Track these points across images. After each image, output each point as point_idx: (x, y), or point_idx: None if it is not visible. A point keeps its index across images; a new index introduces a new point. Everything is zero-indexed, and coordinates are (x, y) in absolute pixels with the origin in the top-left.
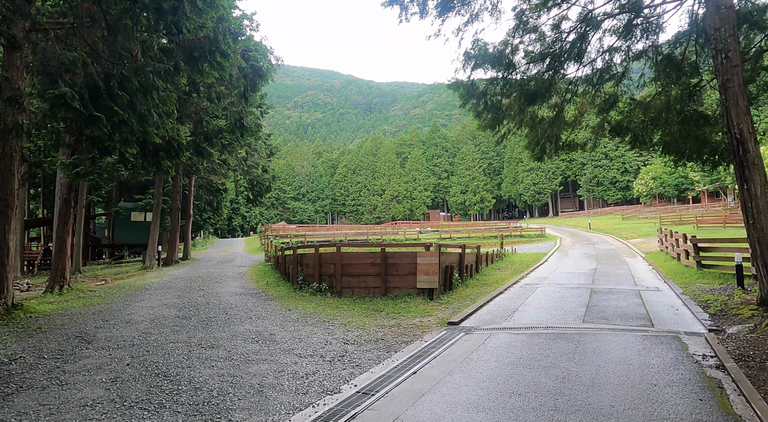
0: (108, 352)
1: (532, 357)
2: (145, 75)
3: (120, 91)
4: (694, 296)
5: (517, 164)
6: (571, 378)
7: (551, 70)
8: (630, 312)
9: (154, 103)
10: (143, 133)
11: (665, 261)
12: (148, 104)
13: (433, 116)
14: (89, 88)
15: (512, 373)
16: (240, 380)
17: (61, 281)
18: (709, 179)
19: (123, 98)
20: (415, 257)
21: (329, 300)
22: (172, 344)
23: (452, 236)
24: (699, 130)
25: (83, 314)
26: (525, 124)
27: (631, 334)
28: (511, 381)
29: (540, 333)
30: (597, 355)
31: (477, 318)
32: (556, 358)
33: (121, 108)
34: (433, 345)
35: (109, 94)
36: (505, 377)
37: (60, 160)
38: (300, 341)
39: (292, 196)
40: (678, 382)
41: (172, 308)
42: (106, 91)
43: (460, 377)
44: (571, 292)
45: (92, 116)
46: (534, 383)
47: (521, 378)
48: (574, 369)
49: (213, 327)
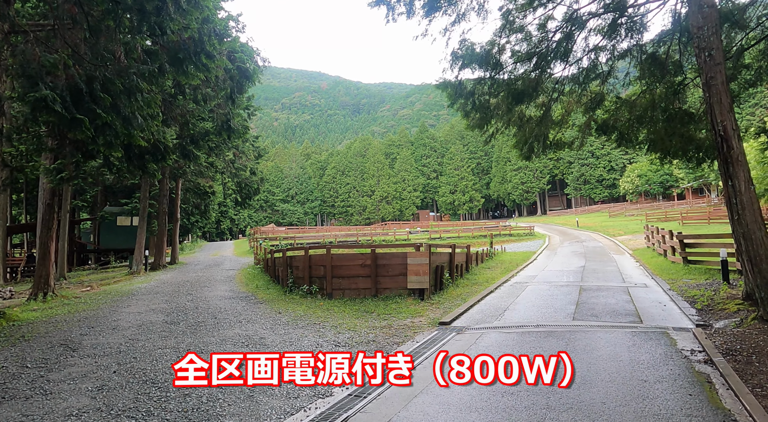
0: (94, 360)
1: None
2: (129, 77)
3: (103, 93)
4: (681, 291)
5: (506, 164)
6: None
7: (538, 69)
8: (619, 309)
9: (138, 105)
10: (127, 136)
11: (652, 258)
12: (132, 107)
13: (421, 116)
14: (71, 90)
15: None
16: (229, 386)
17: (45, 288)
18: (693, 176)
19: (106, 100)
20: (406, 257)
21: (320, 303)
22: (160, 350)
23: (442, 236)
24: (684, 127)
25: (68, 322)
26: (513, 123)
27: (621, 331)
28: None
29: (531, 332)
30: (588, 352)
31: (468, 317)
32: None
33: (104, 111)
34: (424, 346)
35: (92, 97)
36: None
37: (43, 165)
38: (291, 344)
39: (281, 198)
40: (668, 377)
41: (159, 314)
42: (88, 93)
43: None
44: (560, 290)
45: (74, 118)
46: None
47: None
48: None
49: (202, 332)
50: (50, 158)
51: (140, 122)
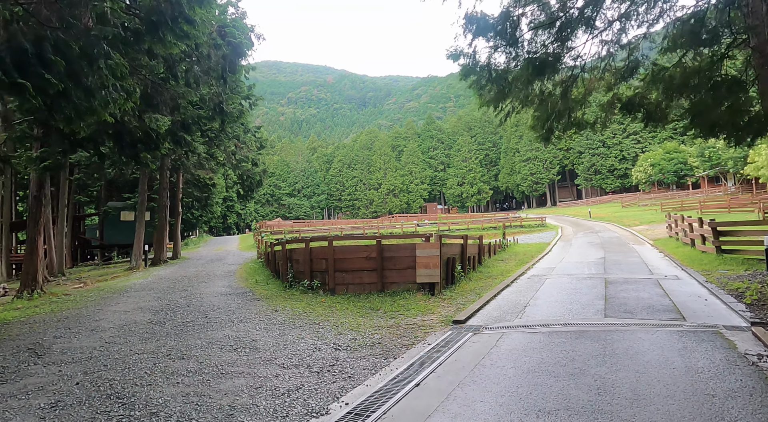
0: (59, 368)
1: (556, 362)
2: (90, 40)
3: (56, 57)
4: (721, 284)
5: (514, 155)
6: (608, 389)
7: (561, 34)
8: (655, 304)
9: (102, 74)
10: (90, 110)
11: (677, 248)
12: (95, 75)
13: (428, 108)
14: (12, 50)
15: (535, 383)
16: (208, 400)
17: (33, 285)
18: (709, 164)
19: (58, 65)
20: (414, 249)
21: (321, 299)
22: (136, 355)
23: (450, 228)
24: (733, 96)
25: (46, 322)
26: (530, 101)
27: (664, 330)
28: (535, 394)
29: (559, 331)
30: (631, 358)
31: (485, 314)
32: (583, 362)
33: (58, 78)
34: (437, 349)
35: (40, 60)
36: (528, 388)
37: (27, 154)
38: (285, 348)
39: (288, 192)
40: (740, 391)
41: (147, 313)
42: (36, 56)
43: (472, 390)
44: (583, 283)
45: (15, 83)
46: (563, 396)
47: (547, 389)
48: (609, 377)
49: (188, 334)
50: (38, 147)
51: (105, 95)
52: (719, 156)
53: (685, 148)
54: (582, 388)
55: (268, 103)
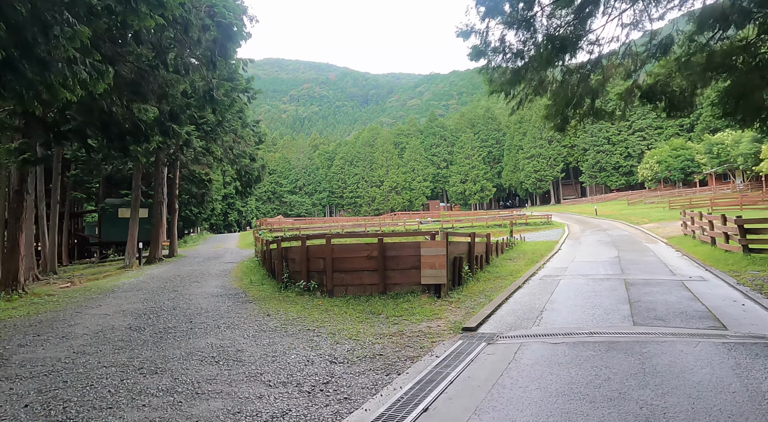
0: (11, 384)
1: (588, 382)
2: (43, 3)
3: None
4: (756, 287)
5: (518, 152)
6: (658, 419)
7: (581, 13)
8: (686, 309)
9: (58, 44)
10: (45, 84)
11: (695, 246)
12: (53, 45)
13: (430, 106)
14: None
15: (568, 410)
16: None
17: (13, 285)
18: (718, 161)
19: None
20: (419, 247)
21: (318, 301)
22: (104, 368)
23: (454, 226)
24: None
25: (17, 327)
26: (544, 88)
27: (707, 341)
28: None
29: (585, 342)
30: (678, 377)
31: (498, 320)
32: (621, 383)
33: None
34: (447, 363)
35: None
36: (559, 417)
37: (5, 147)
38: (273, 360)
39: (289, 189)
40: None
41: (128, 317)
42: None
43: (492, 418)
44: (601, 285)
45: None
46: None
47: (584, 420)
48: (657, 404)
49: (167, 342)
50: (17, 139)
51: (62, 68)
52: (728, 153)
53: (692, 144)
54: (627, 419)
55: (270, 101)
